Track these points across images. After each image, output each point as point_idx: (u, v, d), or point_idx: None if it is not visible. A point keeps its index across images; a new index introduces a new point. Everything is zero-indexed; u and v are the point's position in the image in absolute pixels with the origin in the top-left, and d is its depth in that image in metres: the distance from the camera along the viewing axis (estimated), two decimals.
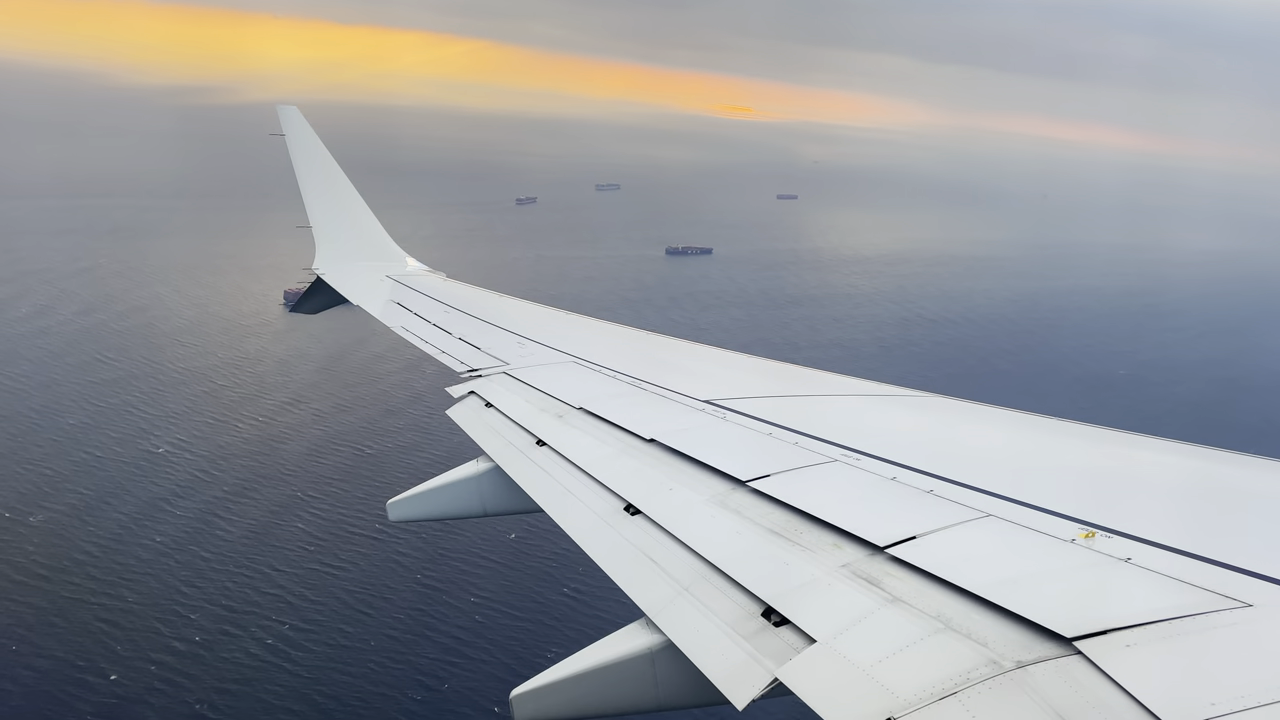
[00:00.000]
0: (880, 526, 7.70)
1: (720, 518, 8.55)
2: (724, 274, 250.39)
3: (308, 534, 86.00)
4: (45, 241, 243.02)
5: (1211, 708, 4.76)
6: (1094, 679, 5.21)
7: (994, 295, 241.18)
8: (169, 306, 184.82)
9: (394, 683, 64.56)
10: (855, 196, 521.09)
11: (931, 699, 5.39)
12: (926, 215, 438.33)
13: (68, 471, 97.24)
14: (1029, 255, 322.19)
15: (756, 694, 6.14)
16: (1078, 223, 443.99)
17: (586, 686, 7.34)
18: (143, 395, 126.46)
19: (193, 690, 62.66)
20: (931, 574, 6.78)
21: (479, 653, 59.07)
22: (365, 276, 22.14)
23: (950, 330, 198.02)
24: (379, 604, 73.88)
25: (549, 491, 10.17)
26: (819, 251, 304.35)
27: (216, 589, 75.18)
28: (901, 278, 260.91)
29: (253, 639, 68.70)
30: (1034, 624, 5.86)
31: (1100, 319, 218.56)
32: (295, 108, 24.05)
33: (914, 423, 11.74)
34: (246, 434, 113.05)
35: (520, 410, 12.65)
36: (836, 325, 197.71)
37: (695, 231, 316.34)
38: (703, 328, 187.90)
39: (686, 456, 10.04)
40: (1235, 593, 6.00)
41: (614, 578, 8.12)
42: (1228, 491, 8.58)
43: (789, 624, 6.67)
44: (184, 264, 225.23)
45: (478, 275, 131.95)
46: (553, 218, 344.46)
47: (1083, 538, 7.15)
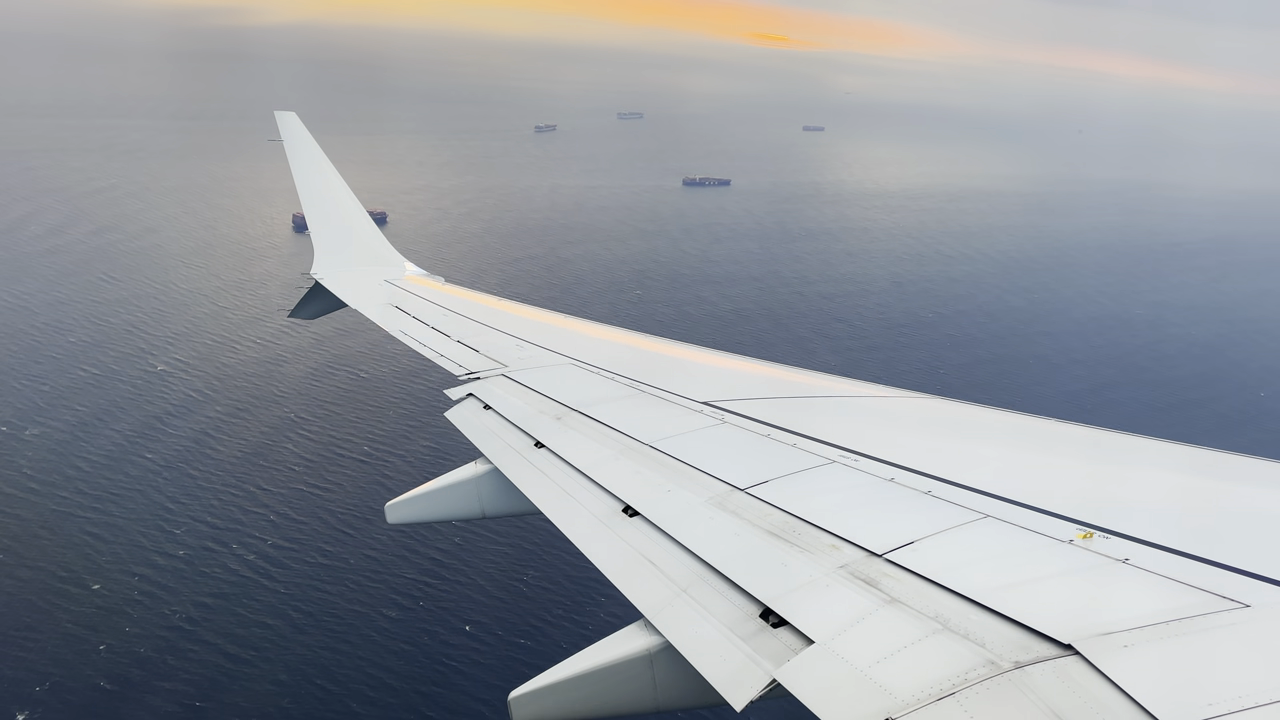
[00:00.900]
0: (878, 531, 7.76)
1: (718, 519, 8.59)
2: (740, 206, 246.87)
3: (297, 455, 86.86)
4: (64, 161, 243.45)
5: (1209, 708, 4.78)
6: (1092, 680, 5.25)
7: (1015, 231, 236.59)
8: (180, 227, 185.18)
9: (369, 600, 65.65)
10: (884, 130, 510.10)
11: (929, 700, 5.43)
12: (956, 150, 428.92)
13: (66, 388, 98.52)
14: (1056, 191, 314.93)
15: (755, 695, 6.17)
16: (1111, 159, 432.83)
17: (585, 688, 7.39)
18: (147, 315, 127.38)
19: (171, 602, 63.94)
20: (930, 579, 6.84)
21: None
22: (363, 281, 22.26)
23: (965, 266, 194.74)
24: (360, 525, 74.83)
25: (547, 493, 10.21)
26: (840, 185, 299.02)
27: (203, 506, 76.30)
28: (922, 213, 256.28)
29: (233, 555, 69.85)
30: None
31: (1121, 257, 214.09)
32: (294, 114, 24.15)
33: (911, 424, 11.73)
34: (247, 355, 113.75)
35: (518, 412, 12.71)
36: (850, 259, 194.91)
37: (715, 163, 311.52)
38: (714, 259, 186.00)
39: (685, 459, 10.12)
40: (1233, 593, 6.04)
41: (612, 579, 8.14)
42: (1225, 492, 8.56)
43: (787, 625, 6.72)
44: (197, 185, 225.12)
45: (493, 203, 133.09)
46: (571, 146, 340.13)
47: (1080, 539, 7.19)
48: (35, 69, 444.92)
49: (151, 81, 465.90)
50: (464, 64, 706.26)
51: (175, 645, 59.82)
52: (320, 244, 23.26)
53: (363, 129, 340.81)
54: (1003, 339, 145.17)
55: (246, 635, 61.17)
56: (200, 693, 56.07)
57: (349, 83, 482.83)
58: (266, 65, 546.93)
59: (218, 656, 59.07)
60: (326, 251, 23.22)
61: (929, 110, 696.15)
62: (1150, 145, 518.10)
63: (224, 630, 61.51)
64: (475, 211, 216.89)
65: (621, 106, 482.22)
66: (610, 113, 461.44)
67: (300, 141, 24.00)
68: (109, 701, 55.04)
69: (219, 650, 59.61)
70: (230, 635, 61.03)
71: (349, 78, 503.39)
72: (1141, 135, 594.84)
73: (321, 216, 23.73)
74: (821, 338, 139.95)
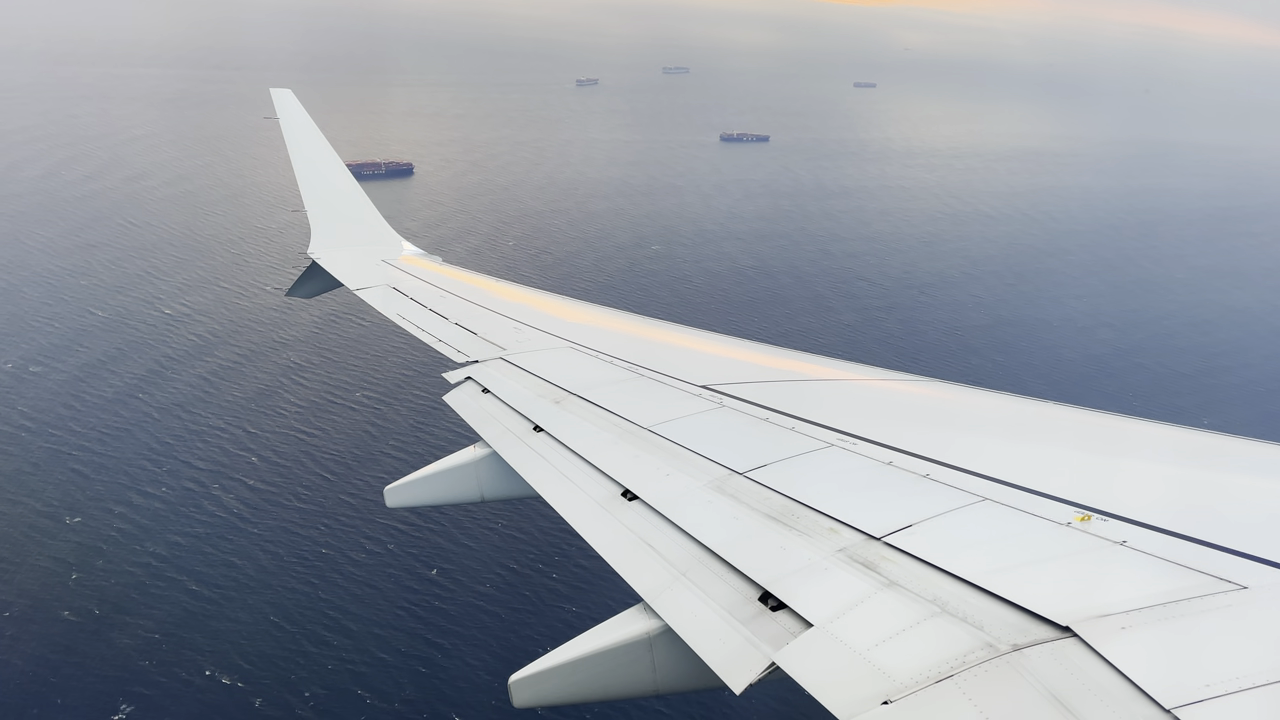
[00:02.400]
0: (877, 515, 7.78)
1: (717, 503, 8.62)
2: (777, 162, 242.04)
3: (292, 401, 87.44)
4: (109, 108, 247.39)
5: (1207, 689, 4.84)
6: (1090, 661, 5.28)
7: (1061, 192, 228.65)
8: (214, 175, 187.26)
9: (338, 545, 65.94)
10: (940, 87, 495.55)
11: (928, 682, 5.45)
12: (1012, 108, 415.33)
13: (75, 330, 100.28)
14: (1112, 152, 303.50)
15: (754, 678, 6.19)
16: (1177, 119, 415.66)
17: (585, 671, 7.41)
18: (166, 261, 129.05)
19: (146, 541, 64.82)
20: (928, 562, 6.85)
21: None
22: (361, 261, 22.19)
23: (1003, 226, 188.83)
24: (340, 470, 75.15)
25: (546, 477, 10.24)
26: (885, 142, 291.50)
27: (188, 450, 77.13)
28: (968, 172, 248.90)
29: (211, 497, 70.57)
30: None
31: (1171, 220, 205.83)
32: (290, 91, 23.90)
33: (910, 407, 11.74)
34: (264, 302, 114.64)
35: (517, 396, 12.71)
36: (884, 218, 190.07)
37: (757, 118, 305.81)
38: (742, 216, 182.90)
39: (683, 443, 10.14)
40: (1230, 575, 6.05)
41: (611, 563, 8.17)
42: (1223, 474, 8.57)
43: (786, 608, 6.74)
44: (235, 133, 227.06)
45: (528, 155, 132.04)
46: (611, 100, 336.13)
47: (1078, 521, 7.20)
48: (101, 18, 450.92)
49: (203, 31, 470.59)
50: (513, 16, 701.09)
51: (141, 582, 60.64)
52: (317, 223, 23.09)
53: (404, 81, 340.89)
54: (1032, 300, 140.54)
55: (211, 574, 61.83)
56: (159, 626, 56.76)
57: (395, 35, 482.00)
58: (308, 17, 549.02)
59: (181, 594, 59.81)
60: (323, 231, 23.09)
61: (991, 67, 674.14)
62: (1224, 106, 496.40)
63: (192, 571, 62.22)
64: (508, 165, 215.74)
65: (669, 61, 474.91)
66: (655, 67, 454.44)
67: (296, 119, 23.73)
68: (70, 633, 56.05)
69: (183, 587, 60.36)
70: (196, 574, 61.73)
71: (395, 30, 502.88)
72: (1217, 96, 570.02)
73: (318, 195, 23.50)
74: (842, 296, 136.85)
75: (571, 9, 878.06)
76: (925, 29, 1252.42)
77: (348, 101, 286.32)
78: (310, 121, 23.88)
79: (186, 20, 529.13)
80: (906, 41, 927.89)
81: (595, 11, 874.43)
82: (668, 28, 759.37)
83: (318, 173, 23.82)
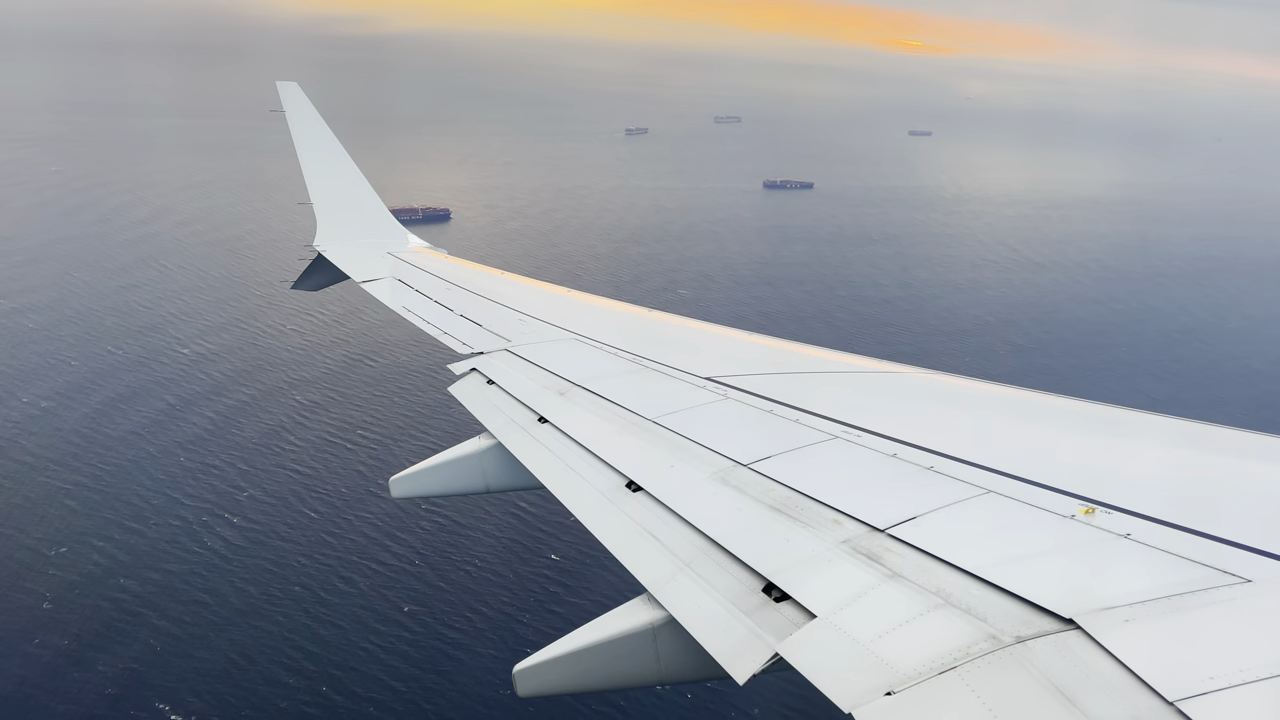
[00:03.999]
0: (881, 506, 7.78)
1: (721, 494, 8.64)
2: (820, 209, 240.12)
3: (292, 441, 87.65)
4: (168, 157, 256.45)
5: (1210, 682, 4.83)
6: (1093, 653, 5.28)
7: (1116, 240, 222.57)
8: (260, 221, 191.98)
9: (315, 581, 65.06)
10: (998, 134, 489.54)
11: (931, 673, 5.46)
12: (1073, 156, 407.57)
13: (97, 369, 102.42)
14: (1175, 200, 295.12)
15: (757, 669, 6.21)
16: (1248, 167, 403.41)
17: (588, 661, 7.44)
18: (203, 302, 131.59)
19: (122, 577, 64.81)
20: (932, 554, 6.83)
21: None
22: (367, 254, 22.25)
23: (1050, 274, 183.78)
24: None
25: (551, 468, 10.27)
26: (935, 189, 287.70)
27: (179, 488, 77.52)
28: (1019, 219, 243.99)
29: (192, 534, 70.50)
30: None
31: (1229, 269, 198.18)
32: (295, 84, 24.14)
33: (914, 399, 11.72)
34: (284, 343, 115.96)
35: (522, 387, 12.77)
36: (924, 264, 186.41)
37: (805, 166, 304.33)
38: (778, 261, 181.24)
39: (688, 434, 10.14)
40: (1234, 568, 6.02)
41: (615, 554, 8.21)
42: (1228, 467, 8.51)
43: (789, 599, 6.74)
44: (290, 180, 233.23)
45: (570, 202, 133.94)
46: (658, 148, 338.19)
47: (1083, 514, 7.15)
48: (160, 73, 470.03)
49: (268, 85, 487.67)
50: (573, 69, 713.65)
51: (110, 618, 60.48)
52: (323, 216, 23.16)
53: (458, 129, 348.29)
54: (1072, 348, 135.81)
55: (180, 612, 61.37)
56: (121, 663, 56.34)
57: (453, 87, 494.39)
58: (387, 70, 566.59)
59: (147, 631, 59.40)
60: (329, 223, 23.14)
61: (1056, 116, 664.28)
62: None
63: (161, 606, 61.84)
64: (549, 211, 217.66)
65: (722, 110, 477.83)
66: (707, 117, 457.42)
67: (302, 112, 23.92)
68: (30, 665, 55.80)
69: (149, 624, 59.97)
70: (166, 611, 61.35)
71: (457, 82, 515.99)
72: None
73: (324, 188, 23.58)
74: (870, 340, 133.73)
75: (626, 59, 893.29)
76: (991, 78, 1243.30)
77: (399, 149, 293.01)
78: (316, 114, 23.91)
79: (250, 76, 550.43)
80: (970, 91, 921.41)
81: (653, 63, 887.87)
82: (722, 79, 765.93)
83: (323, 165, 23.83)
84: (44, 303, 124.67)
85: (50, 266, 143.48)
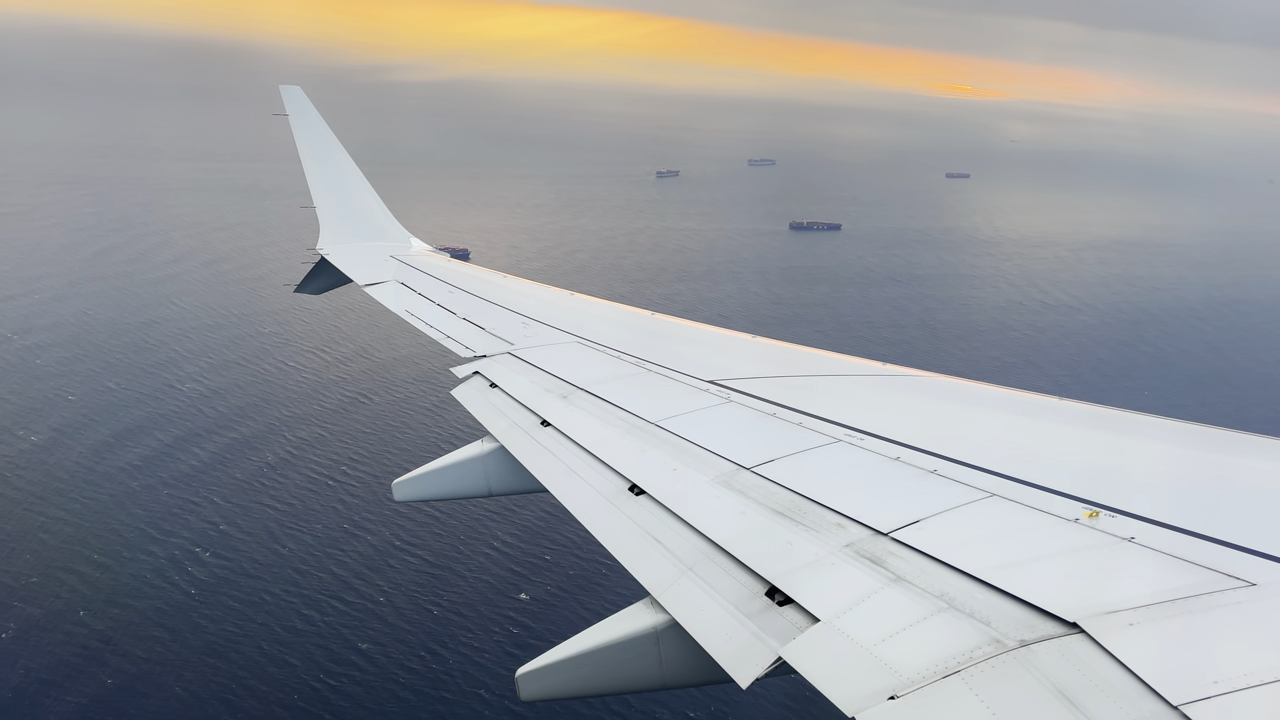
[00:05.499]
0: (884, 510, 7.72)
1: (724, 498, 8.60)
2: (846, 250, 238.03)
3: (275, 479, 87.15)
4: (205, 199, 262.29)
5: (1214, 685, 4.82)
6: (1097, 657, 5.27)
7: (1152, 282, 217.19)
8: (286, 261, 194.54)
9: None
10: (1040, 177, 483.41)
11: (934, 677, 5.45)
12: (1115, 198, 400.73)
13: (100, 404, 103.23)
14: (1215, 243, 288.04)
15: (760, 672, 6.18)
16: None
17: (591, 665, 7.37)
18: (217, 340, 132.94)
19: (82, 610, 64.24)
20: (935, 557, 6.76)
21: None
22: (369, 257, 22.20)
23: (1080, 316, 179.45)
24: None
25: (554, 472, 10.24)
26: (969, 231, 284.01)
27: (156, 524, 77.18)
28: (1053, 260, 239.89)
29: (158, 570, 69.92)
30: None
31: (1267, 312, 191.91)
32: (299, 88, 24.01)
33: (917, 402, 11.64)
34: (291, 380, 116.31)
35: (525, 391, 12.76)
36: (948, 306, 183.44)
37: (837, 208, 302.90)
38: (798, 302, 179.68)
39: (691, 437, 10.10)
40: (1238, 572, 6.00)
41: (618, 557, 8.19)
42: (1231, 471, 8.41)
43: (793, 603, 6.70)
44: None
45: (595, 243, 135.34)
46: (689, 191, 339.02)
47: (1086, 517, 7.12)
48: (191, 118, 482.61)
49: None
50: (608, 113, 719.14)
51: (65, 659, 59.69)
52: (326, 219, 23.09)
53: (491, 173, 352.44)
54: (1096, 389, 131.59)
55: (134, 648, 60.50)
56: (71, 700, 55.40)
57: (486, 132, 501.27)
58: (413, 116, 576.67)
59: (99, 668, 58.53)
60: (332, 227, 23.04)
61: (1101, 158, 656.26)
62: None
63: (115, 642, 61.05)
64: (573, 253, 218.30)
65: (755, 154, 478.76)
66: (741, 160, 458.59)
67: (305, 116, 23.82)
68: None
69: (103, 661, 59.12)
70: (119, 649, 60.50)
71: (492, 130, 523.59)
72: None
73: (327, 192, 23.46)
74: None
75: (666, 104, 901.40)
76: (1037, 120, 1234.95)
77: (430, 191, 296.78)
78: (319, 118, 23.78)
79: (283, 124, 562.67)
80: (1014, 133, 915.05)
81: (693, 107, 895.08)
82: (759, 123, 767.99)
83: (327, 169, 23.71)
84: (60, 340, 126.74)
85: (74, 304, 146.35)
